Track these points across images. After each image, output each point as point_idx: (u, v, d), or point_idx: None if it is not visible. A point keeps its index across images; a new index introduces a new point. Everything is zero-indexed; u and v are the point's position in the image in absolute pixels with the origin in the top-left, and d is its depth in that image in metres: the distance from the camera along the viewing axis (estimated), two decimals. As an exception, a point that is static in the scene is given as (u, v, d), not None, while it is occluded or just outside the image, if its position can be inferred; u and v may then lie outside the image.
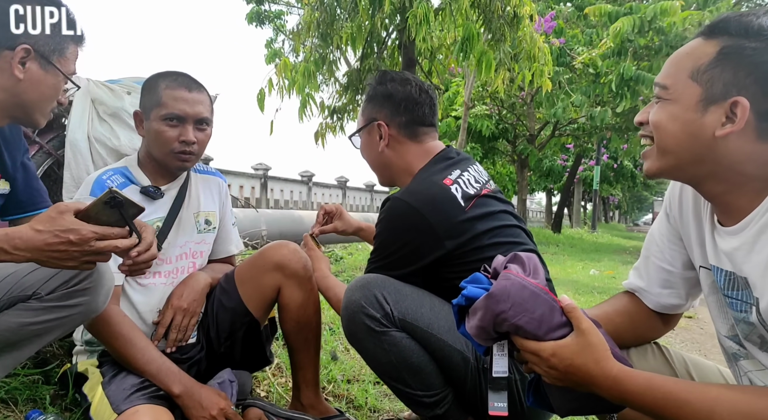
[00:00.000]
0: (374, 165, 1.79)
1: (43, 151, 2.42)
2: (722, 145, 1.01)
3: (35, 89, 1.35)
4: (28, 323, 1.29)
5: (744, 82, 1.00)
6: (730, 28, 1.03)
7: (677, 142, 1.07)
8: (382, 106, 1.70)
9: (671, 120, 1.07)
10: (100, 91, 2.47)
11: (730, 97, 1.00)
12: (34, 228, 1.12)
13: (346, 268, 5.48)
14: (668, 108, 1.08)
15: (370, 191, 19.07)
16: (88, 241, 1.15)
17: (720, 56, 1.03)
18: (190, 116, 1.64)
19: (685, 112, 1.05)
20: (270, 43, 13.68)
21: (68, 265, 1.17)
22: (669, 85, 1.09)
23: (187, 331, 1.70)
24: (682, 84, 1.06)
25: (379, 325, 1.47)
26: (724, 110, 1.01)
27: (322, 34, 5.98)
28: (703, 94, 1.03)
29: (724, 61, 1.02)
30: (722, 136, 1.00)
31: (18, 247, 1.11)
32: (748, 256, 1.01)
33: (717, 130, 1.01)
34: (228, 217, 1.94)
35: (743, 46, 1.01)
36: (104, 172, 1.68)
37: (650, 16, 8.72)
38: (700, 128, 1.03)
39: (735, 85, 1.00)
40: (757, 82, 0.99)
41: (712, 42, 1.05)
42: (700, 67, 1.04)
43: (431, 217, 1.50)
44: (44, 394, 1.74)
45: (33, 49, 1.31)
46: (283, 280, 1.73)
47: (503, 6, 5.52)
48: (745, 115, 0.99)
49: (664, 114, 1.08)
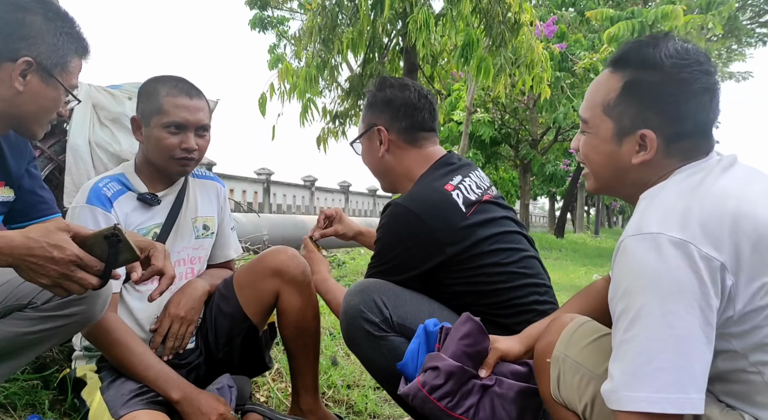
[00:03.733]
0: (375, 171, 1.79)
1: (44, 156, 2.42)
2: (642, 168, 1.11)
3: (34, 102, 1.33)
4: (25, 332, 1.28)
5: (647, 115, 1.09)
6: (631, 60, 1.12)
7: (603, 169, 1.19)
8: (381, 111, 1.70)
9: (594, 151, 1.18)
10: (101, 97, 2.48)
11: (638, 129, 1.09)
12: (26, 235, 1.11)
13: (348, 273, 5.47)
14: (590, 141, 1.19)
15: (372, 196, 19.08)
16: (68, 265, 1.12)
17: (624, 91, 1.12)
18: (191, 124, 1.65)
19: (604, 144, 1.16)
20: (273, 48, 13.72)
21: (42, 282, 1.13)
22: (587, 120, 1.19)
23: (184, 339, 1.69)
24: (598, 118, 1.16)
25: (378, 329, 1.47)
26: (636, 141, 1.10)
27: (324, 39, 6.01)
28: (615, 128, 1.13)
29: (629, 96, 1.11)
30: (638, 163, 1.11)
31: (2, 251, 1.09)
32: None
33: (633, 157, 1.11)
34: (227, 222, 1.94)
35: (642, 80, 1.10)
36: (101, 180, 1.67)
37: (651, 20, 8.73)
38: (619, 157, 1.14)
39: (641, 119, 1.09)
40: (660, 115, 1.08)
41: (617, 75, 1.13)
42: (610, 101, 1.13)
43: (432, 222, 1.50)
44: (43, 399, 1.74)
45: (35, 62, 1.29)
46: (281, 286, 1.73)
47: (504, 12, 5.53)
48: (653, 144, 1.08)
49: (588, 146, 1.20)
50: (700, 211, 0.96)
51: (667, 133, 1.08)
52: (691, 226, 0.94)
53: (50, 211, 1.58)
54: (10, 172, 1.46)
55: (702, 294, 0.91)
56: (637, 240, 0.96)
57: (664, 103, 1.07)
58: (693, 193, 1.00)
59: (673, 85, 1.06)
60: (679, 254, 0.92)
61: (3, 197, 1.45)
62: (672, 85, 1.06)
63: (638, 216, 1.02)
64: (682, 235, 0.93)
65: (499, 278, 1.54)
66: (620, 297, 0.97)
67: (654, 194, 1.05)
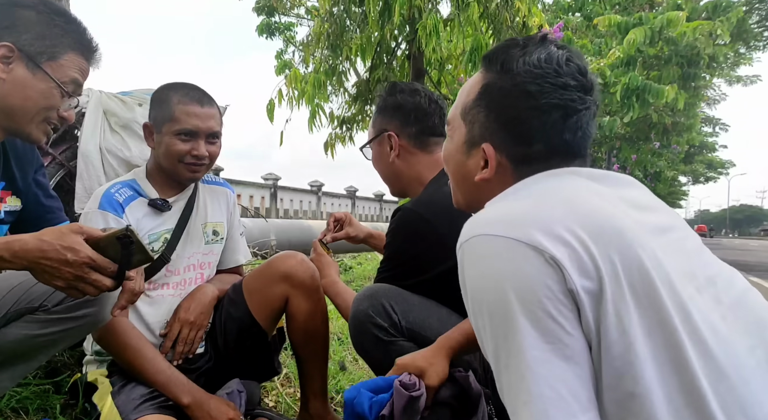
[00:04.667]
0: (385, 176, 1.79)
1: (55, 162, 2.45)
2: (486, 188, 0.98)
3: (20, 92, 1.27)
4: (36, 335, 1.29)
5: (492, 128, 0.96)
6: (497, 61, 0.97)
7: (456, 181, 1.08)
8: (392, 117, 1.71)
9: (449, 158, 1.07)
10: (112, 103, 2.50)
11: (483, 141, 0.97)
12: (40, 238, 1.11)
13: (355, 278, 5.48)
14: (447, 145, 1.08)
15: (379, 201, 19.08)
16: (82, 266, 1.12)
17: (479, 95, 0.99)
18: (202, 131, 1.66)
19: (456, 153, 1.04)
20: (280, 54, 13.78)
21: (56, 284, 1.14)
22: (450, 121, 1.07)
23: (193, 343, 1.70)
24: (457, 122, 1.04)
25: (387, 334, 1.47)
26: (481, 155, 0.98)
27: (332, 45, 6.03)
28: (466, 136, 1.01)
29: (482, 101, 0.98)
30: (479, 180, 0.98)
31: (17, 254, 1.10)
32: None
33: (477, 173, 0.99)
34: (236, 227, 1.95)
35: (495, 86, 0.96)
36: (113, 186, 1.68)
37: (659, 27, 8.72)
38: (467, 171, 1.02)
39: (487, 129, 0.97)
40: (503, 129, 0.95)
41: (482, 75, 1.00)
42: (467, 104, 1.01)
43: (442, 227, 1.50)
44: (54, 404, 1.75)
45: (17, 48, 1.24)
46: (290, 291, 1.74)
47: (512, 17, 5.54)
48: (492, 162, 0.96)
49: (446, 151, 1.08)
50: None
51: (512, 153, 0.95)
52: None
53: (58, 220, 1.57)
54: (17, 181, 1.46)
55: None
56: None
57: (507, 117, 0.94)
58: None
59: (519, 97, 0.93)
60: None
61: (10, 207, 1.45)
62: (518, 98, 0.93)
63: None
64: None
65: None
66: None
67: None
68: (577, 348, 0.77)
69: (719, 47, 12.07)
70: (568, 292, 0.76)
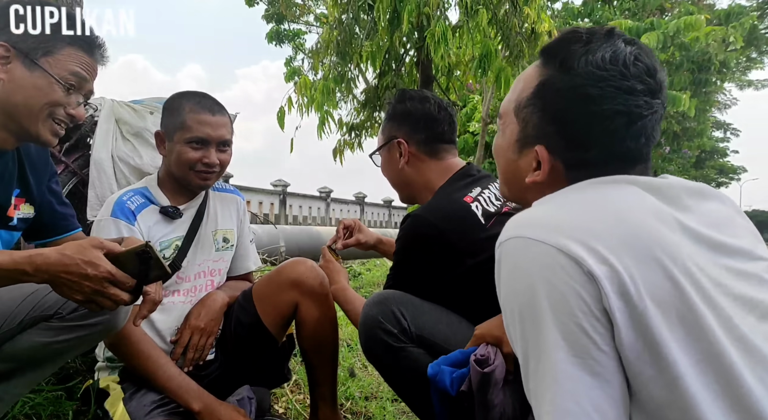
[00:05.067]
0: (395, 182, 1.80)
1: (68, 170, 2.47)
2: (535, 189, 0.93)
3: (21, 91, 1.27)
4: (51, 342, 1.31)
5: (547, 129, 0.90)
6: (557, 56, 0.89)
7: (505, 176, 1.02)
8: (401, 124, 1.72)
9: (500, 153, 1.02)
10: (123, 111, 2.53)
11: (537, 142, 0.91)
12: (62, 252, 1.13)
13: (364, 285, 5.48)
14: (499, 139, 1.02)
15: (387, 207, 19.08)
16: (101, 281, 1.14)
17: (536, 92, 0.91)
18: (213, 139, 1.68)
19: (507, 150, 0.98)
20: (289, 61, 13.85)
21: (75, 298, 1.16)
22: (502, 114, 1.01)
23: (204, 350, 1.71)
24: (509, 118, 0.97)
25: (397, 340, 1.47)
26: (534, 156, 0.92)
27: (341, 52, 6.06)
28: (519, 134, 0.95)
29: (538, 99, 0.91)
30: (530, 183, 0.93)
31: (39, 268, 1.12)
32: None
33: (528, 175, 0.93)
34: (246, 234, 1.96)
35: (553, 85, 0.89)
36: (125, 193, 1.70)
37: (673, 32, 8.69)
38: (517, 169, 0.97)
39: (541, 131, 0.90)
40: (559, 132, 0.89)
41: (539, 70, 0.93)
42: (522, 101, 0.94)
43: (451, 234, 1.50)
44: (67, 410, 1.77)
45: (12, 47, 1.24)
46: (300, 298, 1.75)
47: (521, 23, 5.54)
48: (546, 166, 0.90)
49: (496, 145, 1.03)
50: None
51: (568, 158, 0.89)
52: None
53: (71, 227, 1.59)
54: (31, 189, 1.47)
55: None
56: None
57: (563, 121, 0.88)
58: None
59: (578, 100, 0.86)
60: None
61: (24, 214, 1.46)
62: (578, 101, 0.86)
63: None
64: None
65: None
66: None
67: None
68: (609, 365, 0.74)
69: (731, 53, 12.01)
70: (604, 310, 0.73)
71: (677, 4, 13.74)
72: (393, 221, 18.95)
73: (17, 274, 1.12)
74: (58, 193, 1.58)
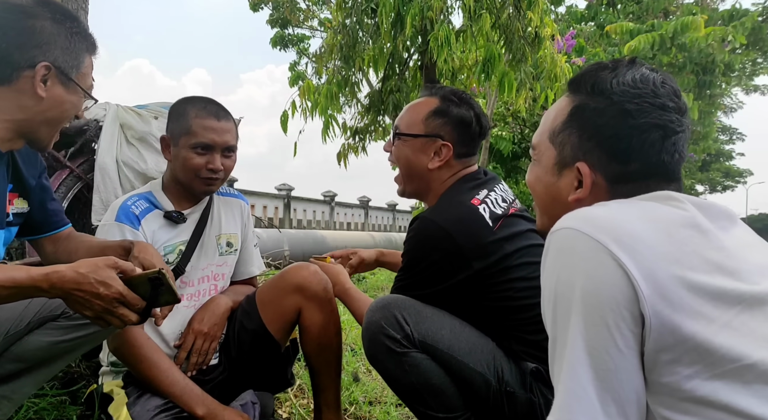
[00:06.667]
0: (410, 174, 1.72)
1: (73, 174, 2.49)
2: (578, 208, 0.96)
3: (57, 107, 1.32)
4: (58, 341, 1.34)
5: (587, 147, 0.97)
6: (586, 84, 0.99)
7: (544, 204, 1.08)
8: (453, 128, 1.66)
9: (537, 182, 1.08)
10: (128, 116, 2.54)
11: (577, 161, 0.97)
12: (77, 270, 1.16)
13: (368, 288, 5.48)
14: (534, 169, 1.09)
15: (392, 211, 19.08)
16: (112, 301, 1.18)
17: (570, 117, 1.00)
18: (218, 145, 1.68)
19: (545, 175, 1.05)
20: (293, 65, 13.89)
21: (86, 314, 1.20)
22: (535, 145, 1.09)
23: (207, 354, 1.72)
24: (545, 146, 1.05)
25: (400, 345, 1.47)
26: (575, 175, 0.98)
27: (345, 56, 6.07)
28: (557, 157, 1.02)
29: (573, 122, 0.99)
30: (573, 201, 0.98)
31: (54, 285, 1.15)
32: None
33: (571, 194, 0.99)
34: (250, 239, 1.97)
35: (587, 107, 0.97)
36: (129, 198, 1.71)
37: (671, 33, 8.67)
38: (558, 192, 1.02)
39: (580, 149, 0.98)
40: (599, 148, 0.95)
41: (569, 99, 1.02)
42: (556, 128, 1.02)
43: (459, 237, 1.50)
44: (71, 415, 1.77)
45: (53, 66, 1.28)
46: (303, 302, 1.75)
47: (524, 27, 5.55)
48: (588, 181, 0.96)
49: (532, 175, 1.10)
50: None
51: (608, 172, 0.95)
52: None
53: (61, 223, 1.61)
54: (25, 183, 1.48)
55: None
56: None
57: (604, 136, 0.95)
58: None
59: (617, 116, 0.93)
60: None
61: (18, 209, 1.47)
62: (615, 116, 0.93)
63: None
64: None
65: (526, 293, 1.53)
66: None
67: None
68: (623, 366, 0.77)
69: (735, 56, 11.98)
70: (639, 314, 0.76)
71: (681, 6, 13.74)
72: (397, 225, 18.94)
73: (33, 290, 1.15)
74: (48, 189, 1.58)
